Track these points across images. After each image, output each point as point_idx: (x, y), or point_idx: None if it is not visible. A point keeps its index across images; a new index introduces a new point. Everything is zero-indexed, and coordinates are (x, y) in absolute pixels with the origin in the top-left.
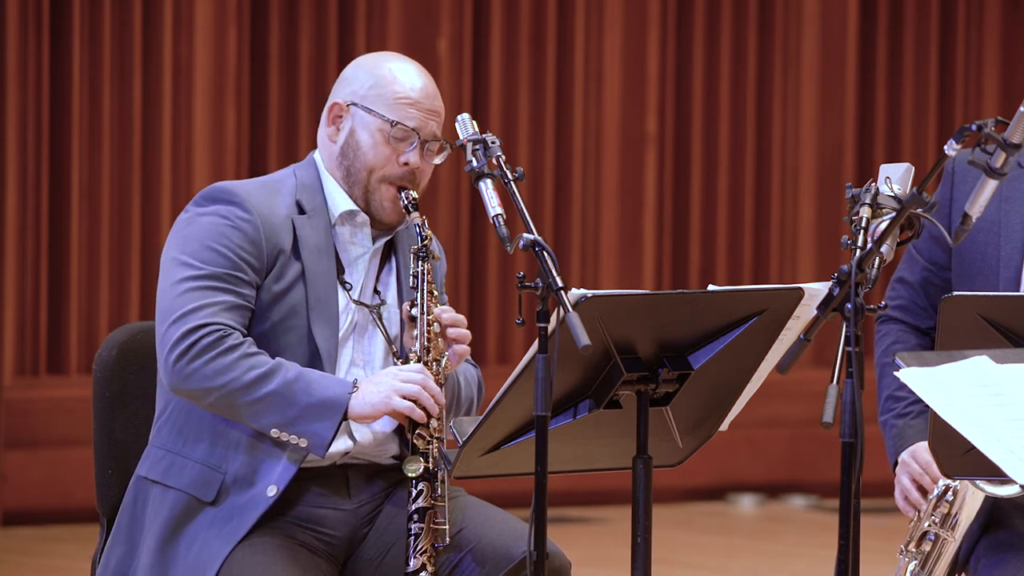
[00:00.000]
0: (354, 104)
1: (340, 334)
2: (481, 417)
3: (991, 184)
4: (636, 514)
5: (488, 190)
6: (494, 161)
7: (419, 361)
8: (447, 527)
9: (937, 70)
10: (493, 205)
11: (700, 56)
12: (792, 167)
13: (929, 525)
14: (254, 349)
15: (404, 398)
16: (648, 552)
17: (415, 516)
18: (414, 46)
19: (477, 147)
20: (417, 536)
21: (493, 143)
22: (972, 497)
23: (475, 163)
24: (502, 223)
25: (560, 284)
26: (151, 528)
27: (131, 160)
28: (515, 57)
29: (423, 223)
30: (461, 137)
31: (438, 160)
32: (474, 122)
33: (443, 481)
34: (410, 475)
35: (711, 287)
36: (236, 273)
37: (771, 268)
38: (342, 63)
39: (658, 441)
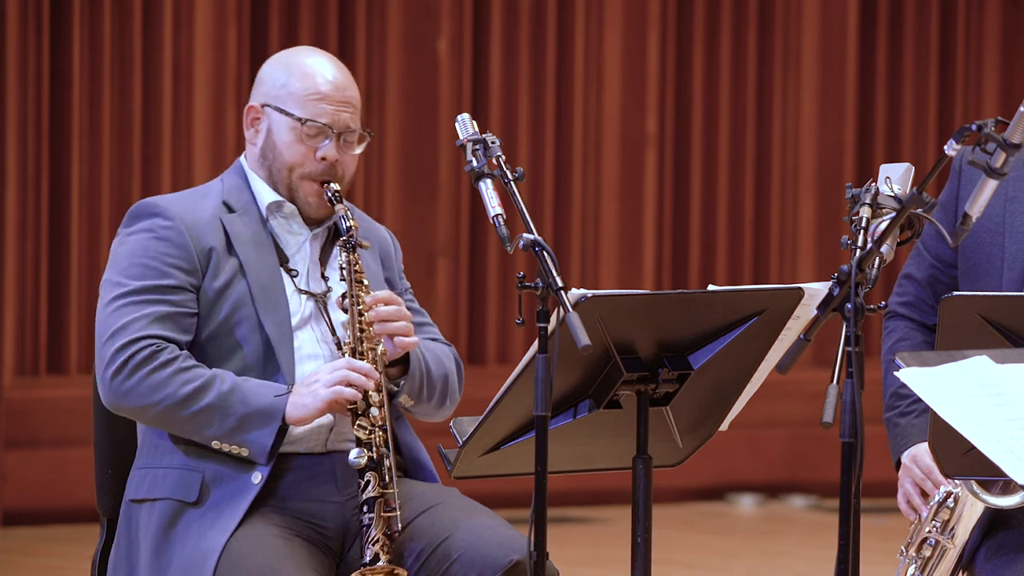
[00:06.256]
0: (267, 105)
1: (294, 321)
2: (481, 417)
3: (991, 184)
4: (636, 514)
5: (488, 190)
6: (494, 161)
7: (353, 353)
8: (398, 513)
9: (937, 70)
10: (493, 205)
11: (700, 56)
12: (792, 167)
13: (930, 530)
14: (189, 363)
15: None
16: (648, 552)
17: (364, 507)
18: (414, 46)
19: (477, 147)
20: (368, 527)
21: (493, 143)
22: (972, 506)
23: (475, 163)
24: (502, 223)
25: (560, 284)
26: (144, 542)
27: (131, 160)
28: (515, 57)
29: (348, 214)
30: (461, 137)
31: (359, 150)
32: (474, 122)
33: (391, 468)
34: (356, 467)
35: (711, 287)
36: (164, 282)
37: (771, 268)
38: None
39: (658, 441)
